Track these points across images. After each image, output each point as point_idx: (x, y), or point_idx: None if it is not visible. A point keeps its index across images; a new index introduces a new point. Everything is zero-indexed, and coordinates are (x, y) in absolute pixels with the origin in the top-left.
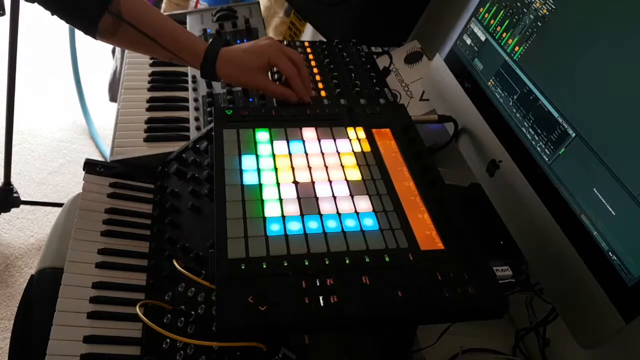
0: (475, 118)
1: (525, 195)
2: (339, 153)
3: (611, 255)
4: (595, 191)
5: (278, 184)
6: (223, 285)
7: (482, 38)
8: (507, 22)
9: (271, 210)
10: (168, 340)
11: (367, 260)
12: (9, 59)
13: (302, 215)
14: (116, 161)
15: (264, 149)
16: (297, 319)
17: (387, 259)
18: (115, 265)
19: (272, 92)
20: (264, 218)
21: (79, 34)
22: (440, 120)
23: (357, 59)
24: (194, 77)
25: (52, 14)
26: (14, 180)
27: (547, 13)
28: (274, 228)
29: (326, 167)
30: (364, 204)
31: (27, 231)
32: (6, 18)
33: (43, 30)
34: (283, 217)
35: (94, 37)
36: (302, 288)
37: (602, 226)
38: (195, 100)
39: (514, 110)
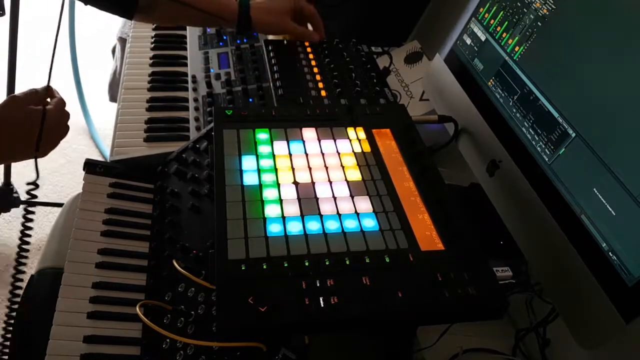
0: (475, 118)
1: (525, 195)
2: (339, 153)
3: (611, 255)
4: (595, 191)
5: (278, 185)
6: (223, 286)
7: (482, 38)
8: (507, 22)
9: (271, 210)
10: (168, 340)
11: (367, 260)
12: (9, 59)
13: (302, 215)
14: (116, 161)
15: (264, 149)
16: (297, 320)
17: (387, 259)
18: (115, 265)
19: (301, 33)
20: (264, 219)
21: (78, 34)
22: (440, 120)
23: (358, 59)
24: (194, 77)
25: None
26: (14, 180)
27: (547, 13)
28: (274, 229)
29: (326, 168)
30: (364, 204)
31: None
32: (6, 18)
33: (43, 30)
34: (283, 217)
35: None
36: (302, 289)
37: (602, 226)
38: (195, 100)
39: (514, 110)
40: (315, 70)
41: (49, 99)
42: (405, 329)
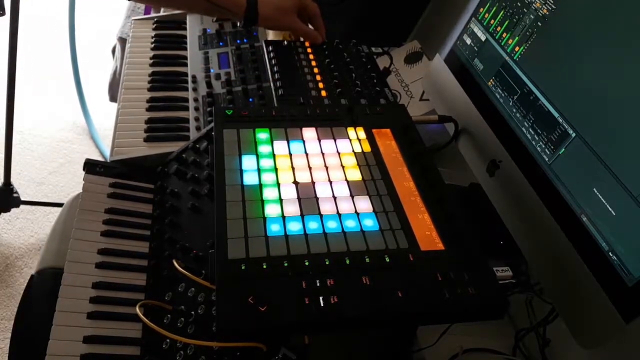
0: (475, 118)
1: (525, 195)
2: (339, 153)
3: (611, 255)
4: (595, 191)
5: (278, 184)
6: (223, 285)
7: (482, 38)
8: (507, 22)
9: (271, 210)
10: (168, 340)
11: (367, 260)
12: (9, 59)
13: (302, 215)
14: (116, 161)
15: (264, 149)
16: (297, 320)
17: (387, 259)
18: (115, 265)
19: (305, 32)
20: (264, 218)
21: (79, 34)
22: (440, 120)
23: (358, 59)
24: (194, 77)
25: None
26: (14, 180)
27: (547, 13)
28: (274, 228)
29: (326, 168)
30: (364, 204)
31: (27, 231)
32: (6, 18)
33: (43, 30)
34: (283, 217)
35: None
36: (302, 288)
37: (602, 226)
38: (195, 100)
39: (514, 110)
40: (315, 70)
41: None
42: (405, 329)
